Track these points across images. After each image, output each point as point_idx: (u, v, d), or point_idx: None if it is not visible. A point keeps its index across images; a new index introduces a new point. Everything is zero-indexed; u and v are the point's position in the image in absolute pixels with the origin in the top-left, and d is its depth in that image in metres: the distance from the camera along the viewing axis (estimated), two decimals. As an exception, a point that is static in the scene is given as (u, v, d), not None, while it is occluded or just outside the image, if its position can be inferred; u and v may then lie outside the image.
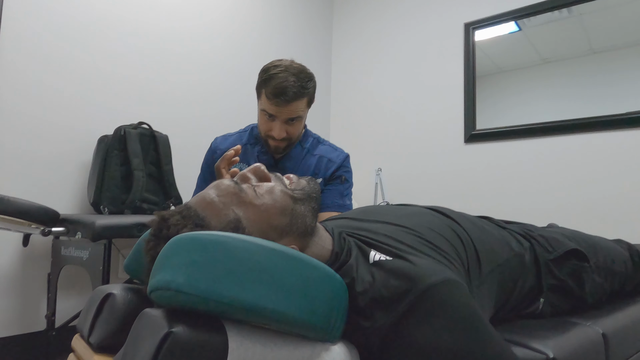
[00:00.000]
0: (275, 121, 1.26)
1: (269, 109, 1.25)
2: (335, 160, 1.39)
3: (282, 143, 1.31)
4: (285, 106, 1.23)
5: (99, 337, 0.65)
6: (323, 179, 1.37)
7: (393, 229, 0.72)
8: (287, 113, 1.24)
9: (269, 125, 1.28)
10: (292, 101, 1.22)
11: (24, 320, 1.76)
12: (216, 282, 0.50)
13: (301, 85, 1.22)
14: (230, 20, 2.55)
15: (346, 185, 1.40)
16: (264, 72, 1.26)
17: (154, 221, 0.62)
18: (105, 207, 1.78)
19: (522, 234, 0.91)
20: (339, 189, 1.37)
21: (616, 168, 2.05)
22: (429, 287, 0.55)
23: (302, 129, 1.36)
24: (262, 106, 1.27)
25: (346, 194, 1.39)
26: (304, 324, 0.53)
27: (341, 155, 1.42)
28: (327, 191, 1.36)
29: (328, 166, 1.38)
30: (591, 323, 0.83)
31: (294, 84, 1.20)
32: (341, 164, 1.39)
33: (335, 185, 1.37)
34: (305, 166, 1.37)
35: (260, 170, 0.69)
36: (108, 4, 2.02)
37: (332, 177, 1.38)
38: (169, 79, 2.26)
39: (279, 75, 1.20)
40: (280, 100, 1.21)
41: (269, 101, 1.23)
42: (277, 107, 1.23)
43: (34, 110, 1.78)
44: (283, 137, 1.28)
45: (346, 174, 1.40)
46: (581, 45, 2.24)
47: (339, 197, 1.36)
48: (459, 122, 2.56)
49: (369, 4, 3.09)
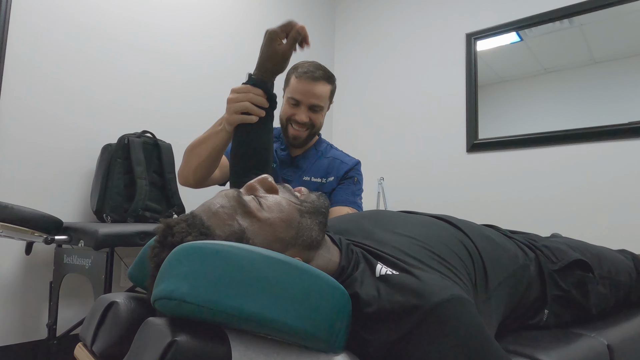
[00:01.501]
0: (299, 107, 1.32)
1: (296, 92, 1.30)
2: (347, 162, 1.45)
3: (303, 131, 1.34)
4: (313, 85, 1.29)
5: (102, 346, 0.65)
6: (336, 178, 1.41)
7: (402, 240, 0.72)
8: (312, 95, 1.30)
9: (293, 110, 1.33)
10: (319, 80, 1.30)
11: (26, 328, 1.75)
12: (219, 292, 0.50)
13: (327, 72, 1.33)
14: (236, 32, 2.58)
15: (358, 186, 1.45)
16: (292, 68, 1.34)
17: (159, 228, 0.62)
18: (108, 216, 1.79)
19: (526, 244, 0.91)
20: (350, 188, 1.42)
21: (618, 178, 2.05)
22: (436, 305, 0.54)
23: (322, 121, 1.40)
24: (289, 93, 1.33)
25: (357, 194, 1.44)
26: (307, 334, 0.53)
27: (353, 160, 1.48)
28: (340, 189, 1.41)
29: (341, 167, 1.43)
30: (596, 334, 0.82)
31: (321, 69, 1.33)
32: (353, 166, 1.45)
33: (347, 185, 1.42)
34: (319, 166, 1.42)
35: (267, 181, 0.68)
36: (112, 14, 2.05)
37: (345, 176, 1.43)
38: (173, 88, 2.27)
39: (308, 64, 1.33)
40: (309, 77, 1.29)
41: (297, 81, 1.30)
42: (304, 87, 1.29)
43: (37, 119, 1.80)
44: (305, 122, 1.32)
45: (358, 176, 1.46)
46: (582, 55, 2.25)
47: (351, 195, 1.41)
48: (461, 131, 2.57)
49: (371, 15, 3.12)
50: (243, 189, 0.67)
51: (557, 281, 0.86)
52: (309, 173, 1.40)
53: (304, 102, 1.31)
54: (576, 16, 2.25)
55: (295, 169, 1.41)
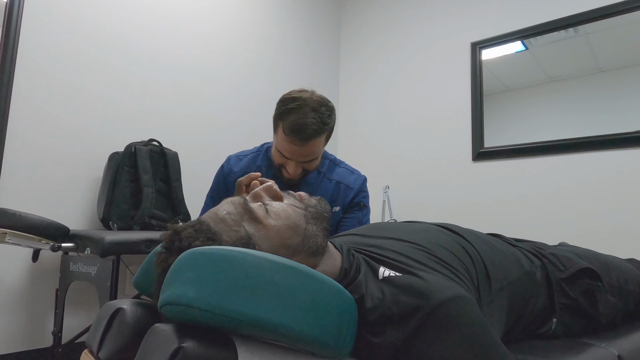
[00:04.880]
0: (290, 160, 1.20)
1: (284, 150, 1.18)
2: (353, 186, 1.35)
3: (297, 175, 1.25)
4: (302, 145, 1.15)
5: (109, 352, 0.65)
6: (342, 207, 1.33)
7: (401, 245, 0.72)
8: (302, 155, 1.18)
9: (283, 160, 1.22)
10: (310, 139, 1.14)
11: (31, 336, 1.75)
12: (226, 297, 0.50)
13: (321, 121, 1.15)
14: (242, 40, 2.60)
15: (365, 212, 1.36)
16: (282, 104, 1.18)
17: (166, 234, 0.63)
18: (114, 223, 1.80)
19: (532, 252, 0.90)
20: (357, 217, 1.34)
21: (625, 187, 2.03)
22: (440, 303, 0.55)
23: (318, 164, 1.29)
24: (277, 144, 1.21)
25: (365, 220, 1.36)
26: (314, 340, 0.52)
27: (358, 179, 1.37)
28: (347, 219, 1.33)
29: (346, 193, 1.33)
30: (606, 344, 0.81)
31: (313, 120, 1.13)
32: (359, 189, 1.35)
33: (354, 213, 1.34)
34: (322, 192, 1.31)
35: (273, 189, 0.69)
36: (121, 22, 2.08)
37: (351, 204, 1.34)
38: (180, 96, 2.29)
39: (298, 111, 1.14)
40: (298, 138, 1.13)
41: (285, 137, 1.15)
42: (292, 147, 1.16)
43: (46, 126, 1.82)
44: (297, 174, 1.23)
45: (364, 200, 1.36)
46: (588, 64, 2.25)
47: (358, 224, 1.33)
48: (467, 140, 2.57)
49: (376, 24, 3.14)
50: (249, 197, 0.68)
51: (565, 290, 0.86)
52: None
53: (294, 159, 1.20)
54: (581, 25, 2.25)
55: None
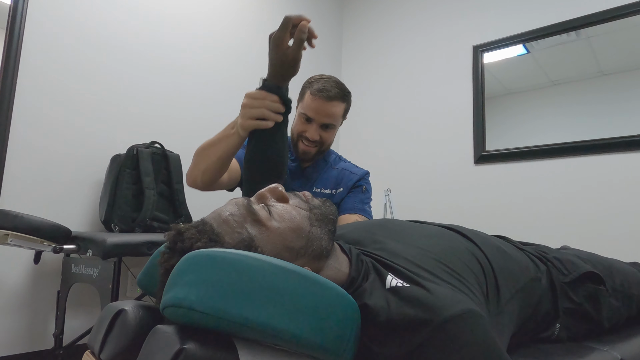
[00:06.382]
0: (311, 124, 1.31)
1: (309, 109, 1.30)
2: (356, 173, 1.47)
3: (312, 148, 1.34)
4: (326, 103, 1.28)
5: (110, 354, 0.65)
6: (345, 188, 1.43)
7: (414, 251, 0.71)
8: (325, 114, 1.29)
9: (305, 127, 1.32)
10: (334, 99, 1.29)
11: (32, 338, 1.75)
12: (228, 301, 0.50)
13: (343, 90, 1.32)
14: (244, 42, 2.61)
15: (366, 195, 1.46)
16: (309, 79, 1.34)
17: (169, 234, 0.62)
18: (116, 225, 1.80)
19: (537, 256, 0.90)
20: (359, 196, 1.43)
21: (628, 190, 2.03)
22: (447, 320, 0.53)
23: (333, 139, 1.40)
24: (302, 108, 1.33)
25: (366, 202, 1.45)
26: (315, 345, 0.52)
27: (362, 170, 1.50)
28: (348, 197, 1.43)
29: (350, 177, 1.45)
30: (609, 348, 0.81)
31: (337, 88, 1.31)
32: (362, 176, 1.47)
33: (356, 193, 1.44)
34: (328, 177, 1.43)
35: (278, 190, 0.68)
36: (123, 25, 2.09)
37: (354, 186, 1.45)
38: (182, 99, 2.30)
39: (324, 80, 1.32)
40: (324, 96, 1.27)
41: (312, 98, 1.29)
42: (318, 105, 1.28)
43: (48, 128, 1.82)
44: (315, 141, 1.32)
45: (367, 185, 1.47)
46: (590, 68, 2.25)
47: (359, 202, 1.42)
48: (469, 143, 2.57)
49: (377, 28, 3.15)
50: (254, 198, 0.67)
51: (569, 294, 0.85)
52: (319, 184, 1.42)
53: (317, 120, 1.30)
54: (583, 28, 2.25)
55: (305, 180, 1.42)
